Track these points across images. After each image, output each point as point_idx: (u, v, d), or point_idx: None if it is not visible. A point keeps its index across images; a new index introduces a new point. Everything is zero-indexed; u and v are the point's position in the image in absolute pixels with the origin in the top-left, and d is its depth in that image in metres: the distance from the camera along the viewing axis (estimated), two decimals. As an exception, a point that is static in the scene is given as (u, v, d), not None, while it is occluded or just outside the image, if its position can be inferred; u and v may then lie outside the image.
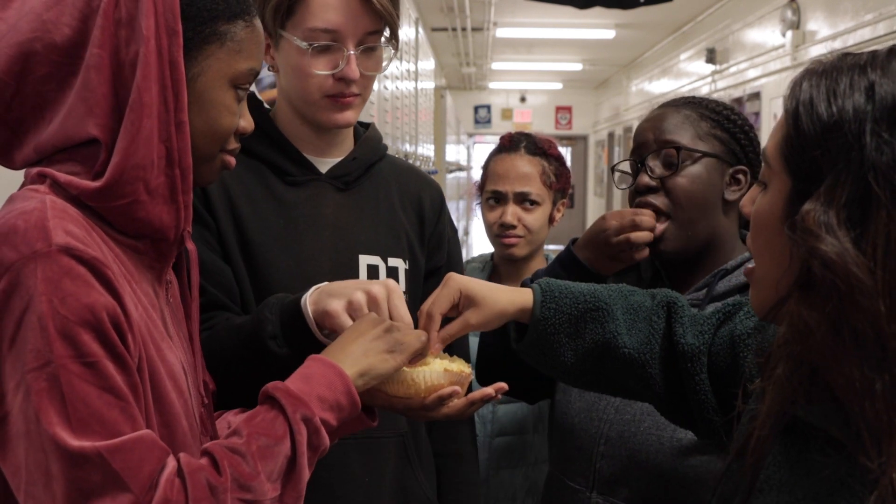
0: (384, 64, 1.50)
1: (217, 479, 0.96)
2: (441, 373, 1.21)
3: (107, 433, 0.90)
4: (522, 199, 2.14)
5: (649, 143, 1.52)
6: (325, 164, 1.54)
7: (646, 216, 1.48)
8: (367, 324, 1.18)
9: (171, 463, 0.94)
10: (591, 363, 1.26)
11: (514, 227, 2.13)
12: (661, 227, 1.48)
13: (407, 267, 1.56)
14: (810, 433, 0.89)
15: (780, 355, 0.90)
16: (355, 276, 1.50)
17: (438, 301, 1.26)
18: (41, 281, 0.89)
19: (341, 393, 1.09)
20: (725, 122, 1.52)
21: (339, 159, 1.55)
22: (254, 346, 1.28)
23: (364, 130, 1.63)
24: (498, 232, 2.16)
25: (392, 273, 1.54)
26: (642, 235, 1.47)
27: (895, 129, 0.82)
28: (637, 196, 1.51)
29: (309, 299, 1.27)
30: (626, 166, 1.63)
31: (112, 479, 0.89)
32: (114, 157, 0.98)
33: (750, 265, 0.99)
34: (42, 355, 0.89)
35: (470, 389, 1.27)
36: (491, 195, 2.17)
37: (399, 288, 1.27)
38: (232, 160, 1.13)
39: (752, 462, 0.93)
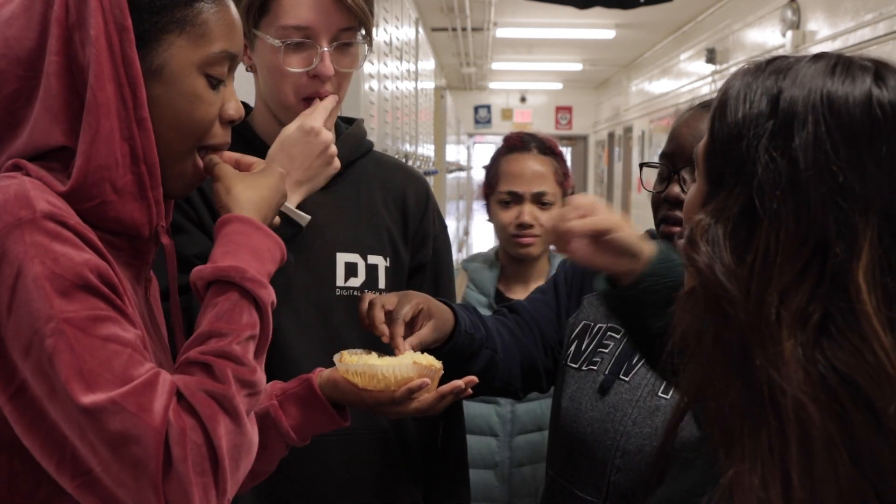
0: (360, 61, 1.49)
1: (219, 387, 0.94)
2: (410, 366, 1.22)
3: (118, 381, 0.89)
4: (538, 199, 2.16)
5: (685, 152, 1.45)
6: None
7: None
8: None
9: (171, 390, 0.92)
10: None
11: (531, 226, 2.15)
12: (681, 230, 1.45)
13: (388, 264, 1.56)
14: (700, 428, 0.93)
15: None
16: (333, 274, 1.51)
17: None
18: (30, 245, 0.89)
19: (280, 260, 1.09)
20: None
21: None
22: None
23: (347, 127, 1.62)
24: (514, 232, 2.18)
25: (372, 271, 1.53)
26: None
27: (787, 145, 0.82)
28: (665, 203, 1.48)
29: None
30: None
31: (132, 422, 0.88)
32: (76, 160, 0.97)
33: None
34: (43, 315, 0.88)
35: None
36: (506, 195, 2.18)
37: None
38: (204, 161, 1.10)
39: (659, 453, 0.99)
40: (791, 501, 0.77)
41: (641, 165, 1.63)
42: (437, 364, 1.26)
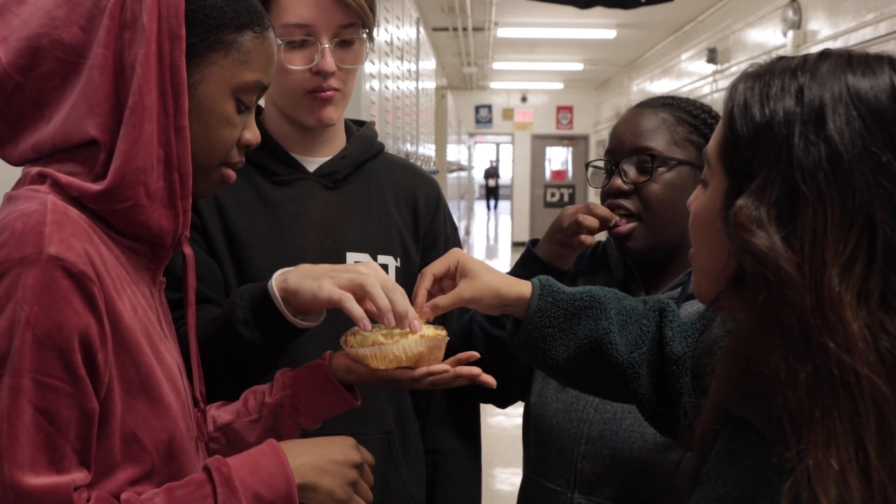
0: (363, 57, 1.50)
1: None
2: (418, 340, 1.24)
3: (25, 459, 0.89)
4: None
5: (625, 146, 1.52)
6: (313, 163, 1.54)
7: (600, 208, 1.50)
8: (347, 450, 1.17)
9: None
10: (582, 361, 1.27)
11: None
12: (629, 226, 1.49)
13: (398, 264, 1.56)
14: (742, 427, 0.93)
15: (718, 351, 0.93)
16: None
17: (435, 263, 1.29)
18: (28, 288, 0.89)
19: (280, 498, 1.06)
20: (702, 126, 1.53)
21: (328, 158, 1.55)
22: (227, 334, 1.27)
23: (358, 129, 1.63)
24: None
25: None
26: (591, 220, 1.48)
27: (821, 130, 0.85)
28: (609, 197, 1.52)
29: (275, 281, 1.25)
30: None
31: None
32: (115, 160, 0.97)
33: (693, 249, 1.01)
34: (14, 364, 0.88)
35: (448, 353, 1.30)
36: None
37: (383, 273, 1.25)
38: (231, 174, 1.12)
39: (695, 455, 0.98)
40: (871, 481, 0.79)
41: (587, 165, 1.68)
42: (442, 332, 1.28)
